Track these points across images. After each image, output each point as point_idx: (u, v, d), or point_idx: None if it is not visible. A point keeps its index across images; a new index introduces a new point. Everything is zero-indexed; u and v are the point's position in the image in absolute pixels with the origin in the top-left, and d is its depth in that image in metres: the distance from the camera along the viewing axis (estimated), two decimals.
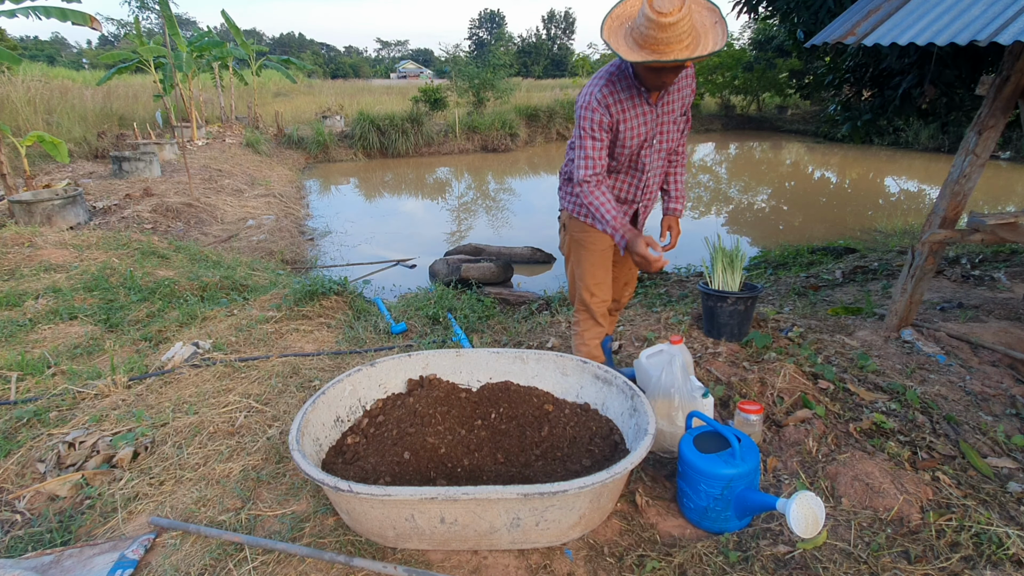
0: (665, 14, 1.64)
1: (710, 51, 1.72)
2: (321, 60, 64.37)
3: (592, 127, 1.96)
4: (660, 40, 1.68)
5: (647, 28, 1.67)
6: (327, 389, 2.03)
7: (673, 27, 1.65)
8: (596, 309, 2.40)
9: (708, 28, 1.77)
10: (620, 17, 1.82)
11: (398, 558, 1.67)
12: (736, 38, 24.01)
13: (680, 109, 2.11)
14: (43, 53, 38.80)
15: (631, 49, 1.73)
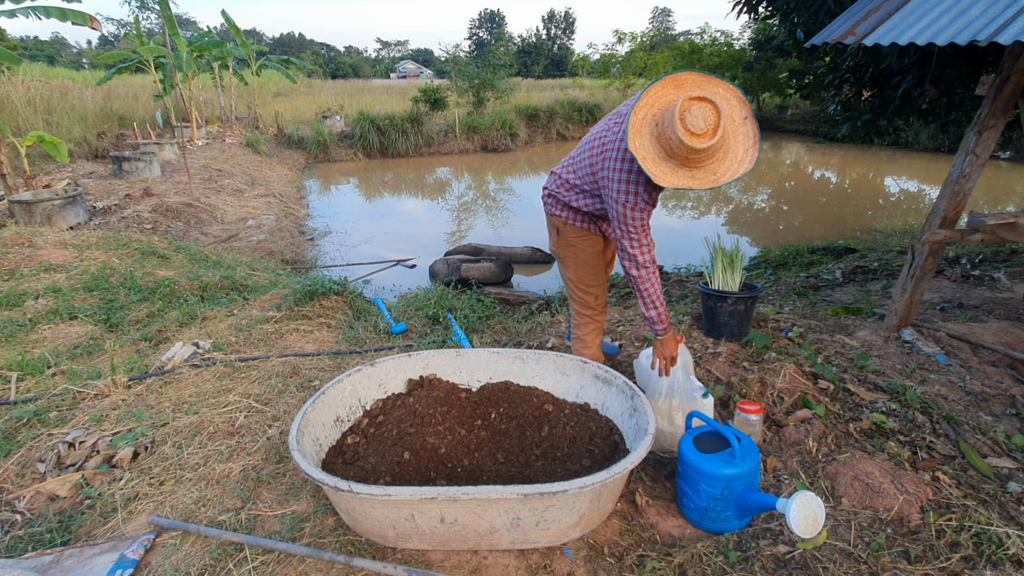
0: (699, 136, 1.58)
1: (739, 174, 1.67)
2: (321, 60, 64.36)
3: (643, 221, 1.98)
4: (689, 159, 1.63)
5: (678, 148, 1.61)
6: (327, 389, 2.03)
7: (706, 151, 1.61)
8: (598, 308, 2.42)
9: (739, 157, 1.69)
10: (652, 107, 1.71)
11: (398, 558, 1.67)
12: (736, 38, 23.97)
13: None
14: (43, 53, 38.78)
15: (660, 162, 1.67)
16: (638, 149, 1.69)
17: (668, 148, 1.65)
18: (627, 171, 1.89)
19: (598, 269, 2.40)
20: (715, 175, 1.67)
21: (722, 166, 1.68)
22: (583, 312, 2.44)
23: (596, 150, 2.04)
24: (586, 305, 2.41)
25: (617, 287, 5.17)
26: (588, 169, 2.10)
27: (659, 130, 1.68)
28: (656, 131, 1.69)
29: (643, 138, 1.70)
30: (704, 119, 1.58)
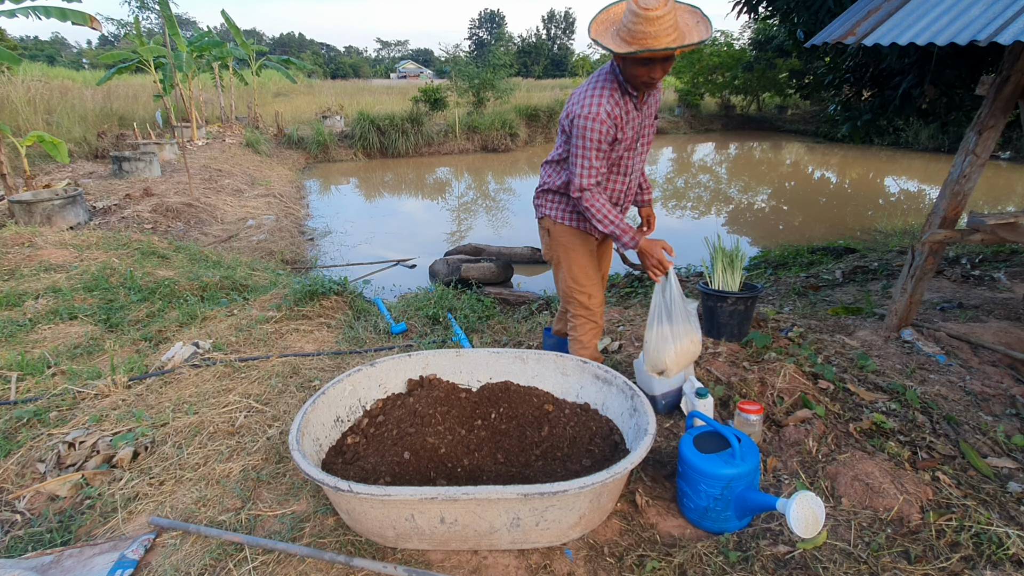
0: (651, 9, 1.73)
1: (697, 41, 1.81)
2: (321, 60, 64.36)
3: (599, 139, 1.99)
4: (648, 34, 1.75)
5: (634, 24, 1.76)
6: (327, 389, 2.03)
7: (659, 20, 1.74)
8: (595, 309, 2.41)
9: (691, 27, 1.88)
10: (605, 22, 1.92)
11: (398, 558, 1.67)
12: (736, 38, 23.97)
13: (655, 113, 2.23)
14: (43, 53, 38.78)
15: (621, 45, 1.80)
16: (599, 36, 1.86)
17: (627, 36, 1.80)
18: (591, 86, 2.00)
19: (592, 269, 2.38)
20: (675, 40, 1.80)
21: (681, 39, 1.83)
22: (578, 314, 2.42)
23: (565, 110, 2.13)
24: (581, 305, 2.39)
25: (617, 287, 5.17)
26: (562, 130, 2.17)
27: (616, 27, 1.86)
28: (613, 29, 1.87)
29: (604, 36, 1.88)
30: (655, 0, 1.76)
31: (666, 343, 2.21)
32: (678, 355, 2.23)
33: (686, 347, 2.24)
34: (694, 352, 2.29)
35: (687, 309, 2.23)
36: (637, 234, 2.10)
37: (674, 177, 13.44)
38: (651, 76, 1.89)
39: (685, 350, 2.24)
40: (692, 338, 2.25)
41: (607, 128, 1.98)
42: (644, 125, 2.16)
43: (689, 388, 2.30)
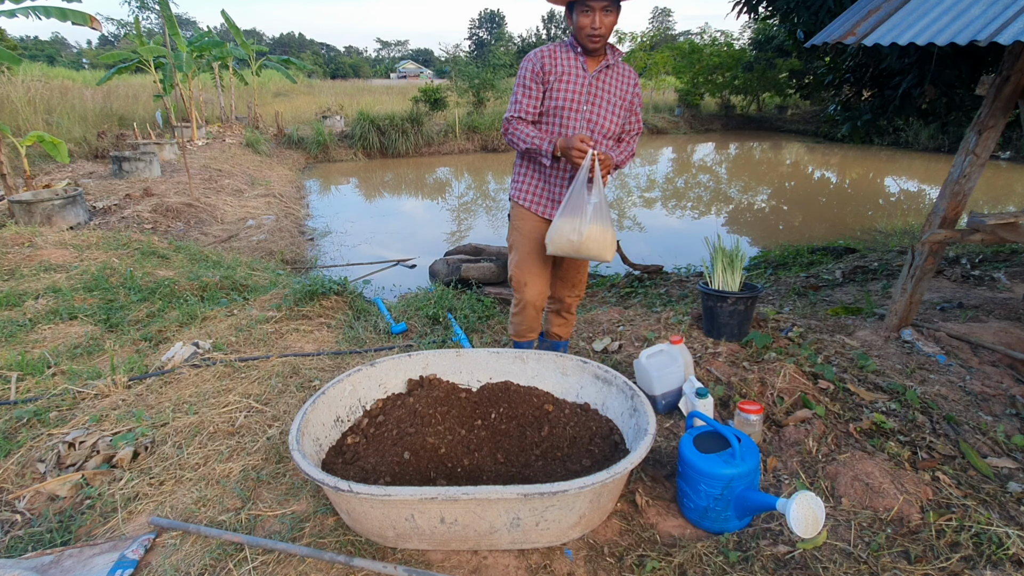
0: None
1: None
2: (321, 60, 64.32)
3: (525, 74, 2.17)
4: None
5: None
6: (327, 389, 2.03)
7: None
8: (529, 299, 2.43)
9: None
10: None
11: (398, 558, 1.67)
12: (736, 38, 23.99)
13: (620, 96, 2.25)
14: (43, 53, 38.78)
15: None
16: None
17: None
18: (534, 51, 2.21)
19: (538, 262, 2.39)
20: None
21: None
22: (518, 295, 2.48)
23: None
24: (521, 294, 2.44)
25: (617, 287, 5.17)
26: None
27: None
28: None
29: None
30: None
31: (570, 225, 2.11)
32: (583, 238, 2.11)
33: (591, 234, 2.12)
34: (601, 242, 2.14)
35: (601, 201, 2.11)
36: (551, 141, 2.14)
37: (674, 177, 13.44)
38: (593, 27, 2.03)
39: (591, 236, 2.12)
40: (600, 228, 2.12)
41: (532, 65, 2.16)
42: (599, 95, 2.21)
43: (689, 388, 2.31)
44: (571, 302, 2.64)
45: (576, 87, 2.18)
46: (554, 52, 2.17)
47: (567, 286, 2.59)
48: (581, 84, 2.18)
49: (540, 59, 2.16)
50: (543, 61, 2.15)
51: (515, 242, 2.43)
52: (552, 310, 2.68)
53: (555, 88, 2.17)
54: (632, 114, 2.33)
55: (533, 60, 2.16)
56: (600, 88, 2.21)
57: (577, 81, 2.17)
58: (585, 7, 2.01)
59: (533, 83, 2.17)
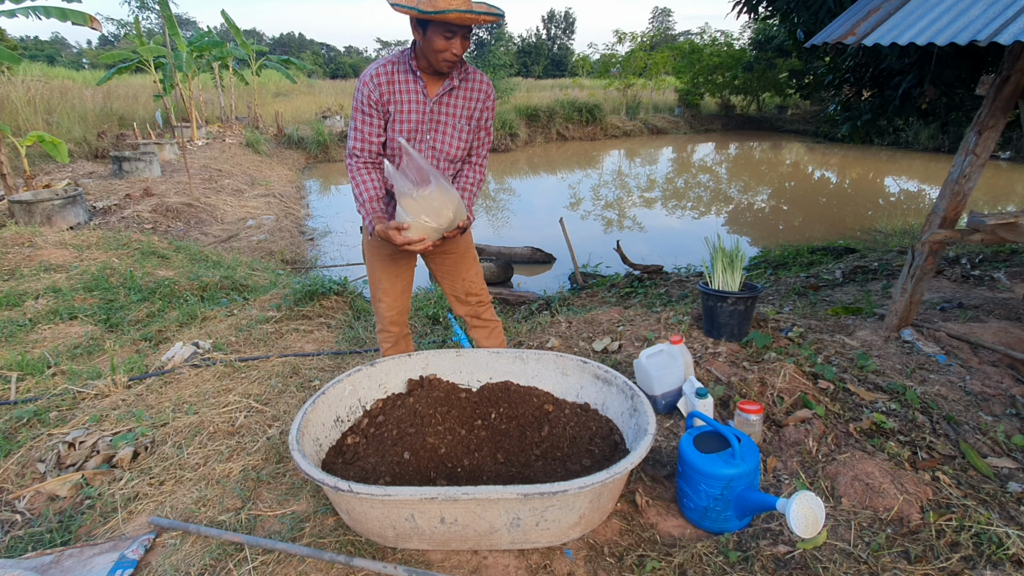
0: None
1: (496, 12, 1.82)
2: (321, 60, 64.26)
3: (363, 101, 1.98)
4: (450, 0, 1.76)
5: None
6: (327, 389, 2.03)
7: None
8: (384, 314, 2.33)
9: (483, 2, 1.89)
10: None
11: (398, 558, 1.67)
12: (736, 38, 23.99)
13: (466, 116, 2.07)
14: (43, 53, 38.74)
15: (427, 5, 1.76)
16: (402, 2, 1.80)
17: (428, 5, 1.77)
18: (373, 64, 2.01)
19: (388, 277, 2.27)
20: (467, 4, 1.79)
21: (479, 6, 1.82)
22: (377, 322, 2.40)
23: None
24: (377, 314, 2.36)
25: (617, 287, 5.17)
26: None
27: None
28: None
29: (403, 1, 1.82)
30: None
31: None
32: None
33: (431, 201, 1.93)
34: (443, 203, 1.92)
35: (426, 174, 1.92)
36: (375, 220, 1.96)
37: (674, 177, 13.44)
38: (451, 50, 1.84)
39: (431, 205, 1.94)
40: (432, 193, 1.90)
41: (368, 91, 1.95)
42: (441, 121, 2.04)
43: (689, 388, 2.31)
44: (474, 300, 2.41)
45: (417, 116, 2.01)
46: (391, 77, 1.96)
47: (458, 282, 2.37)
48: (422, 112, 2.01)
49: (377, 87, 1.95)
50: (380, 90, 1.95)
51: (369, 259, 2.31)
52: (470, 325, 2.51)
53: (395, 119, 2.01)
54: (481, 130, 2.13)
55: (369, 87, 1.95)
56: (444, 113, 2.04)
57: (418, 109, 2.00)
58: (449, 31, 1.80)
59: (373, 111, 1.98)
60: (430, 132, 2.06)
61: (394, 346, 2.43)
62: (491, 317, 2.51)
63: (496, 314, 2.57)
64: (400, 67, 1.97)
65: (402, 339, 2.45)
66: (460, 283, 2.37)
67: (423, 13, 1.74)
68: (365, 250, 2.34)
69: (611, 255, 6.31)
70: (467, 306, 2.44)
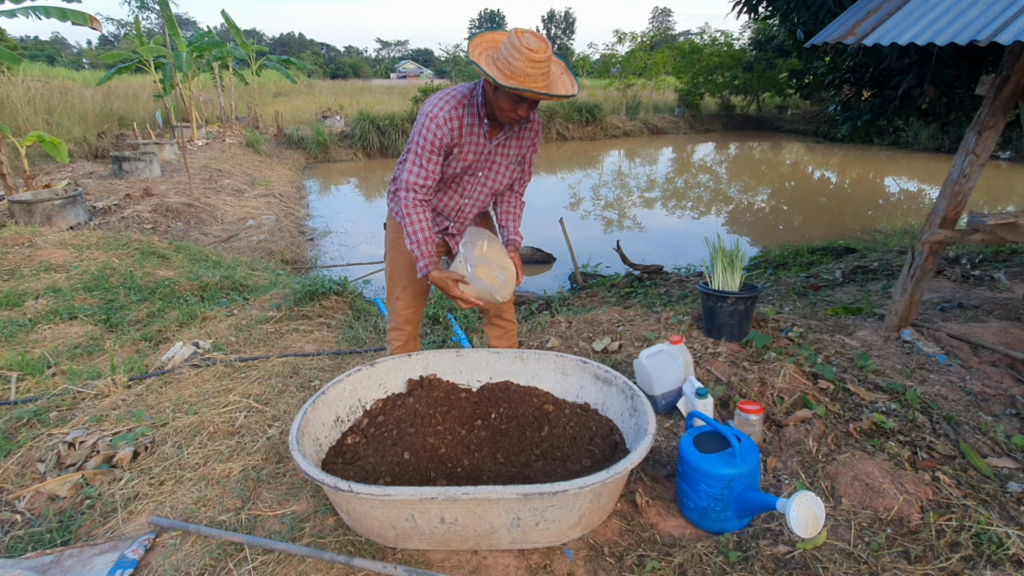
0: (535, 50, 1.75)
1: (563, 93, 1.85)
2: (321, 60, 64.29)
3: (433, 141, 1.95)
4: (528, 74, 1.76)
5: (515, 59, 1.75)
6: (327, 389, 2.03)
7: (540, 64, 1.76)
8: (399, 313, 2.36)
9: (558, 77, 1.91)
10: (482, 45, 1.90)
11: (398, 558, 1.67)
12: (736, 38, 24.00)
13: (516, 156, 2.14)
14: (43, 53, 38.77)
15: (501, 77, 1.77)
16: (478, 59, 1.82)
17: (506, 68, 1.78)
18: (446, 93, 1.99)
19: (409, 278, 2.31)
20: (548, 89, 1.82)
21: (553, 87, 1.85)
22: (390, 319, 2.42)
23: None
24: (392, 311, 2.38)
25: (617, 287, 5.17)
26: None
27: (495, 59, 1.82)
28: (492, 59, 1.83)
29: (482, 61, 1.83)
30: (536, 41, 1.77)
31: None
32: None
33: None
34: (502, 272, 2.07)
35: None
36: (431, 264, 2.01)
37: (674, 177, 13.44)
38: (516, 112, 1.89)
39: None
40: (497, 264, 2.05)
41: (442, 133, 1.94)
42: (495, 161, 2.10)
43: (689, 388, 2.31)
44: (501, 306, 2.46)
45: (474, 156, 2.06)
46: (461, 117, 1.96)
47: None
48: (480, 153, 2.06)
49: (450, 131, 1.95)
50: (451, 135, 1.96)
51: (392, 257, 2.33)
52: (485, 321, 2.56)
53: (455, 158, 2.04)
54: (526, 163, 2.21)
55: (443, 127, 1.93)
56: (499, 154, 2.09)
57: (477, 151, 2.05)
58: (519, 99, 1.83)
59: (435, 153, 1.98)
60: (482, 170, 2.12)
61: (404, 345, 2.45)
62: (511, 318, 2.56)
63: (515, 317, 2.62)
64: (468, 109, 1.97)
65: (412, 339, 2.47)
66: None
67: (499, 84, 1.76)
68: (388, 248, 2.35)
69: (611, 255, 6.31)
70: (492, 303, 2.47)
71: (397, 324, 2.41)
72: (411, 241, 2.04)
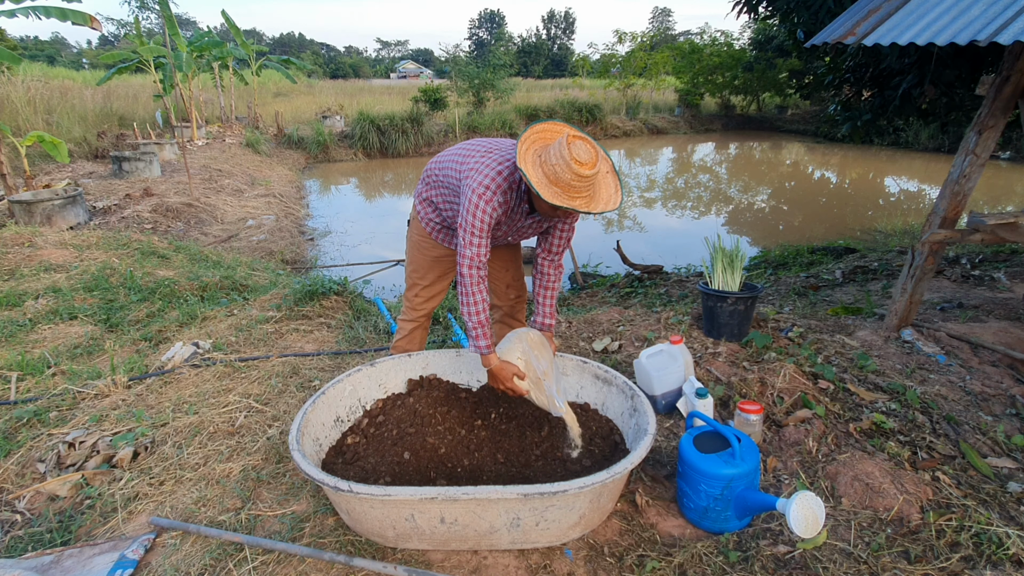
0: (583, 164, 1.69)
1: (611, 207, 1.79)
2: (321, 60, 64.29)
3: (487, 222, 1.91)
4: (572, 186, 1.71)
5: (563, 171, 1.69)
6: (327, 389, 2.03)
7: (588, 179, 1.71)
8: (413, 301, 2.41)
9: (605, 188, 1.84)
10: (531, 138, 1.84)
11: (398, 558, 1.67)
12: (736, 38, 23.98)
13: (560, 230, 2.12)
14: (43, 53, 38.76)
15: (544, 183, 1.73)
16: (526, 167, 1.75)
17: (552, 175, 1.72)
18: (499, 174, 1.91)
19: (429, 273, 2.37)
20: (589, 205, 1.76)
21: (595, 201, 1.78)
22: (404, 308, 2.47)
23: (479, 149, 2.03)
24: (408, 302, 2.43)
25: (617, 287, 5.17)
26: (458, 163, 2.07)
27: (542, 160, 1.77)
28: (539, 161, 1.77)
29: (527, 165, 1.76)
30: (587, 152, 1.71)
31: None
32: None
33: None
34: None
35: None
36: (492, 347, 1.98)
37: (674, 177, 13.44)
38: (555, 214, 1.91)
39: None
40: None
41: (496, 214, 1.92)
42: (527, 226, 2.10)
43: (689, 388, 2.31)
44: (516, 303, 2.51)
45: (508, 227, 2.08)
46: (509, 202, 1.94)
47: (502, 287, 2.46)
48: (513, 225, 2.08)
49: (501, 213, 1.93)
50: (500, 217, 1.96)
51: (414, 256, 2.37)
52: (495, 319, 2.57)
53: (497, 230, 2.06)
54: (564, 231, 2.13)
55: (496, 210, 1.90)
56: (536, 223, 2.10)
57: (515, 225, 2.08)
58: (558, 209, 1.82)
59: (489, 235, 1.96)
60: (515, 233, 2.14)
61: (410, 333, 2.47)
62: (522, 319, 2.58)
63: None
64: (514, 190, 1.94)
65: (420, 329, 2.50)
66: (505, 273, 2.44)
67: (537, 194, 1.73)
68: (411, 248, 2.38)
69: (611, 255, 6.31)
70: (505, 300, 2.50)
71: (410, 315, 2.45)
72: (472, 321, 1.98)
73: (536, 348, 2.03)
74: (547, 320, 2.19)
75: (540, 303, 2.20)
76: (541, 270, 2.20)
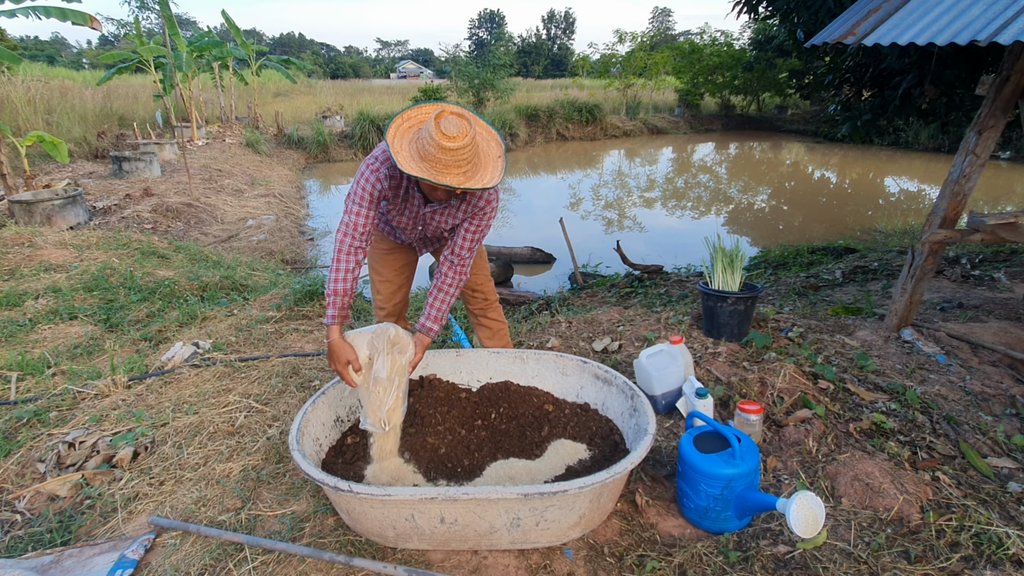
0: (450, 137, 1.64)
1: (482, 185, 1.71)
2: (321, 60, 64.29)
3: (368, 191, 1.88)
4: (439, 160, 1.66)
5: (429, 145, 1.65)
6: (327, 389, 2.03)
7: (454, 152, 1.64)
8: (380, 303, 2.46)
9: (491, 160, 1.78)
10: (411, 120, 1.80)
11: (398, 558, 1.67)
12: (736, 38, 23.98)
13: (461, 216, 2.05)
14: (43, 53, 38.77)
15: (410, 158, 1.69)
16: (393, 143, 1.72)
17: (422, 150, 1.69)
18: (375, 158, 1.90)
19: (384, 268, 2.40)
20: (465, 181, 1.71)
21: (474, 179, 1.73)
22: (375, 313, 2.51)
23: None
24: (374, 298, 2.48)
25: (617, 287, 5.17)
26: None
27: (417, 133, 1.74)
28: (416, 137, 1.74)
29: (401, 139, 1.74)
30: (456, 125, 1.65)
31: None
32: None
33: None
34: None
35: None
36: (337, 319, 1.90)
37: (674, 177, 13.44)
38: (436, 195, 1.85)
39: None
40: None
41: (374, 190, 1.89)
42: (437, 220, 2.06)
43: (689, 388, 2.31)
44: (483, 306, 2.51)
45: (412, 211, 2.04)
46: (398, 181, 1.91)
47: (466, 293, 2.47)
48: (415, 216, 2.05)
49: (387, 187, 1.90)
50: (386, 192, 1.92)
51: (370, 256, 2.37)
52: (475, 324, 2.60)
53: (390, 211, 2.04)
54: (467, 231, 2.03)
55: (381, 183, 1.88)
56: (438, 214, 2.04)
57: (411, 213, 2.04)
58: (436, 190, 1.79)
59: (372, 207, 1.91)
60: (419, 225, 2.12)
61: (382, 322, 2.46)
62: (496, 318, 2.58)
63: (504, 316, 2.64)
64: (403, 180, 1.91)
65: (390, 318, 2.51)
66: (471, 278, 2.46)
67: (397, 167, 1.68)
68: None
69: (611, 255, 6.31)
70: (474, 303, 2.53)
71: (379, 315, 2.50)
72: (329, 289, 1.93)
73: (391, 350, 1.89)
74: (428, 323, 2.06)
75: (429, 303, 2.08)
76: (439, 269, 2.10)
